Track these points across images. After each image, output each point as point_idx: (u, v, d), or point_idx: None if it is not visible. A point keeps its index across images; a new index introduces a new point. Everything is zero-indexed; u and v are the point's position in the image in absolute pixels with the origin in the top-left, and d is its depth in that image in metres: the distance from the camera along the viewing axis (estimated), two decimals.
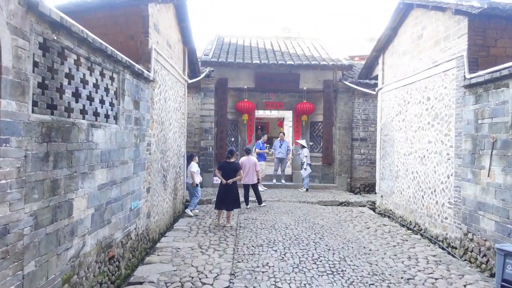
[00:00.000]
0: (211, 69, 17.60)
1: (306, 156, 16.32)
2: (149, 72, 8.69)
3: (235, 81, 17.92)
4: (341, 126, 17.56)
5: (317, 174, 18.12)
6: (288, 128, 28.08)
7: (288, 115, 29.56)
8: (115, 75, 6.69)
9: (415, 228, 11.04)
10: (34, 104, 4.23)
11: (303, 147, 16.58)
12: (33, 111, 4.19)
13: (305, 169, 16.33)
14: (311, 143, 18.31)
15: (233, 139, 18.39)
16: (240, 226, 10.56)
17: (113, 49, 6.16)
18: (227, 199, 10.57)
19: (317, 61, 17.12)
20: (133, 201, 7.80)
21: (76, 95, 5.26)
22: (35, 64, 4.23)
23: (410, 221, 11.43)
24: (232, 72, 17.70)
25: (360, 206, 14.50)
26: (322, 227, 10.60)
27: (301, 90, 17.98)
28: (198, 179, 11.87)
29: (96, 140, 5.84)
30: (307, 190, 16.50)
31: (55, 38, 4.57)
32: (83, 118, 5.48)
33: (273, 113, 30.86)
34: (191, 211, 11.99)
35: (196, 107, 17.43)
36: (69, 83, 5.04)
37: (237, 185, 11.10)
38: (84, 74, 5.47)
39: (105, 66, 6.15)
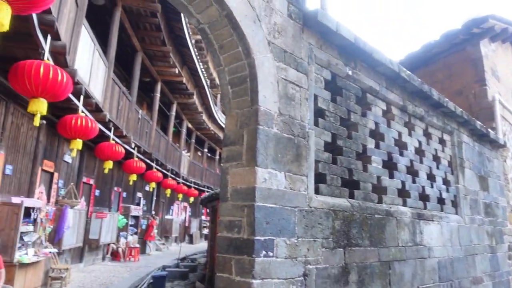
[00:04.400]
0: None
1: None
2: (496, 133, 5.66)
3: None
4: None
5: None
6: None
7: None
8: (446, 136, 4.26)
9: None
10: (319, 179, 2.49)
11: None
12: (317, 191, 2.44)
13: None
14: None
15: None
16: None
17: (439, 94, 3.90)
18: None
19: None
20: None
21: (388, 166, 3.22)
22: (319, 113, 2.59)
23: None
24: None
25: None
26: None
27: None
28: None
29: (428, 242, 3.40)
30: None
31: (350, 73, 2.86)
32: (404, 204, 3.28)
33: None
34: None
35: None
36: (377, 146, 3.10)
37: None
38: (399, 134, 3.43)
39: (430, 121, 3.90)
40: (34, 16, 4.02)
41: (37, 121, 4.46)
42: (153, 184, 12.11)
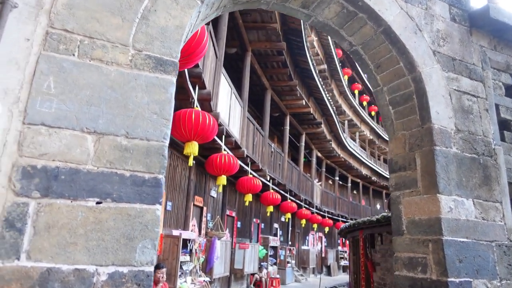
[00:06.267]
0: None
1: None
2: None
3: None
4: None
5: None
6: None
7: None
8: None
9: None
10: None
11: None
12: None
13: None
14: None
15: None
16: None
17: None
18: None
19: None
20: None
21: None
22: (503, 125, 2.14)
23: None
24: None
25: None
26: None
27: None
28: None
29: None
30: None
31: None
32: None
33: None
34: None
35: None
36: None
37: None
38: None
39: None
40: (186, 71, 4.56)
41: (190, 161, 4.96)
42: (288, 215, 12.26)
